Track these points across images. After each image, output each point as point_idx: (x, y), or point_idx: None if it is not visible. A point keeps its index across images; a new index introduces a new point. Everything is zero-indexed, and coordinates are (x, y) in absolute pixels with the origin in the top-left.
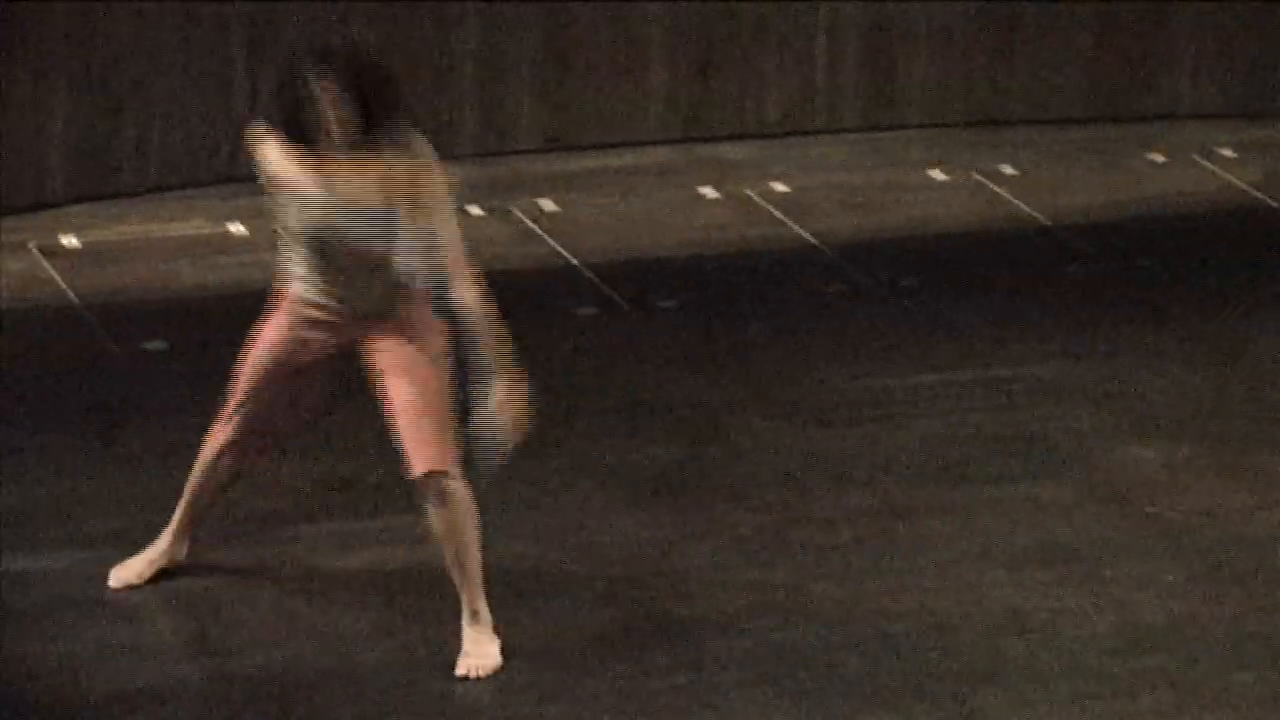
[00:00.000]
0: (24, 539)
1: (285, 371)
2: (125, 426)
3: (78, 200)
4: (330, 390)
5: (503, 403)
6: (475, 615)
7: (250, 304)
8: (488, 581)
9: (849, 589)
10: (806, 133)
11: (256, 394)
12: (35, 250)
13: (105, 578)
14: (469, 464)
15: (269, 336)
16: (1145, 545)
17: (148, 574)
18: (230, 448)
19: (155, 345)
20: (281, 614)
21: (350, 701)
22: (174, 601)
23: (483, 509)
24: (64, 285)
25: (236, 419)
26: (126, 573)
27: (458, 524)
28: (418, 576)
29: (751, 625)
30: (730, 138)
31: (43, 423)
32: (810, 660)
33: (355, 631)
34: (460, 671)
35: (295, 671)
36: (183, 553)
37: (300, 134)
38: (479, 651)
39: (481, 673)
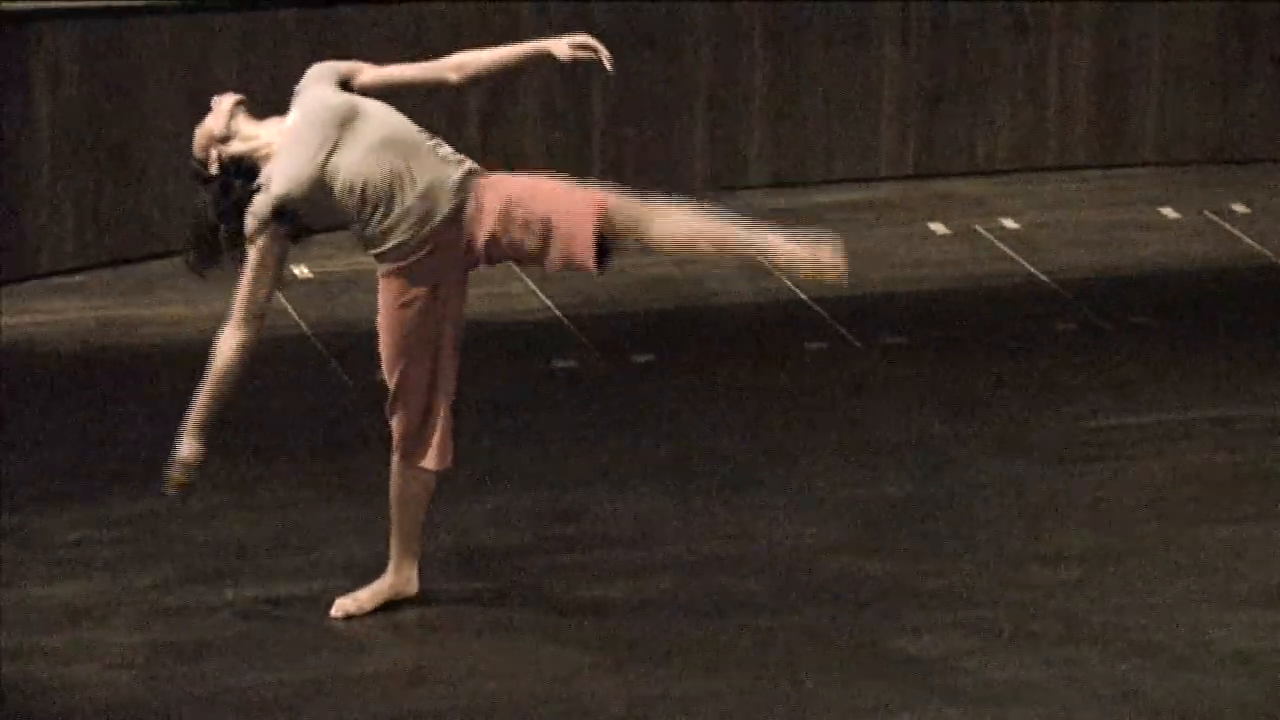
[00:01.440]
0: (255, 568)
1: (420, 345)
2: (356, 457)
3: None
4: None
5: None
6: None
7: (479, 335)
8: (714, 615)
9: (1073, 628)
10: (1037, 169)
11: (408, 389)
12: None
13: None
14: None
15: (390, 329)
16: None
17: (369, 606)
18: (411, 457)
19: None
20: (503, 646)
21: None
22: (398, 632)
23: (709, 543)
24: (295, 316)
25: (404, 424)
26: (350, 603)
27: None
28: (640, 611)
29: (974, 663)
30: (960, 174)
31: (274, 453)
32: (1033, 699)
33: (577, 664)
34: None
35: (516, 704)
36: (412, 585)
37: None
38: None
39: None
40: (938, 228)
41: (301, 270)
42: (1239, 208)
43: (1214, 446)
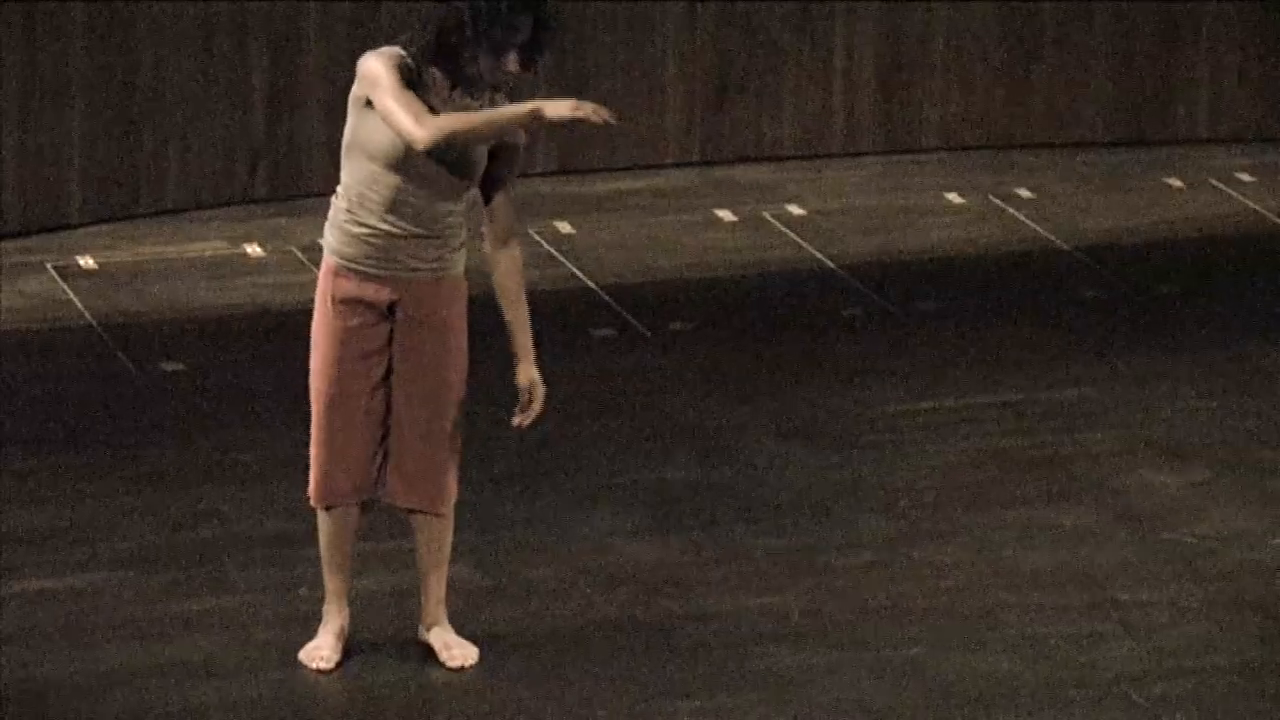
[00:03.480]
0: (41, 560)
1: (361, 378)
2: (143, 447)
3: (95, 221)
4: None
5: None
6: (443, 609)
7: (268, 324)
8: (502, 602)
9: (864, 612)
10: (823, 156)
11: (348, 422)
12: (52, 271)
13: (123, 598)
14: None
15: (328, 356)
16: (1163, 570)
17: (341, 648)
18: (354, 495)
19: (172, 366)
20: (290, 636)
21: None
22: (188, 623)
23: (499, 531)
24: (81, 306)
25: (342, 464)
26: (328, 655)
27: (447, 534)
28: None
29: (766, 648)
30: (746, 161)
31: (60, 444)
32: (824, 684)
33: (368, 648)
34: (456, 664)
35: (311, 692)
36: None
37: (429, 78)
38: (459, 643)
39: (472, 661)
40: (724, 215)
41: (87, 261)
42: (1024, 192)
43: (1002, 431)
